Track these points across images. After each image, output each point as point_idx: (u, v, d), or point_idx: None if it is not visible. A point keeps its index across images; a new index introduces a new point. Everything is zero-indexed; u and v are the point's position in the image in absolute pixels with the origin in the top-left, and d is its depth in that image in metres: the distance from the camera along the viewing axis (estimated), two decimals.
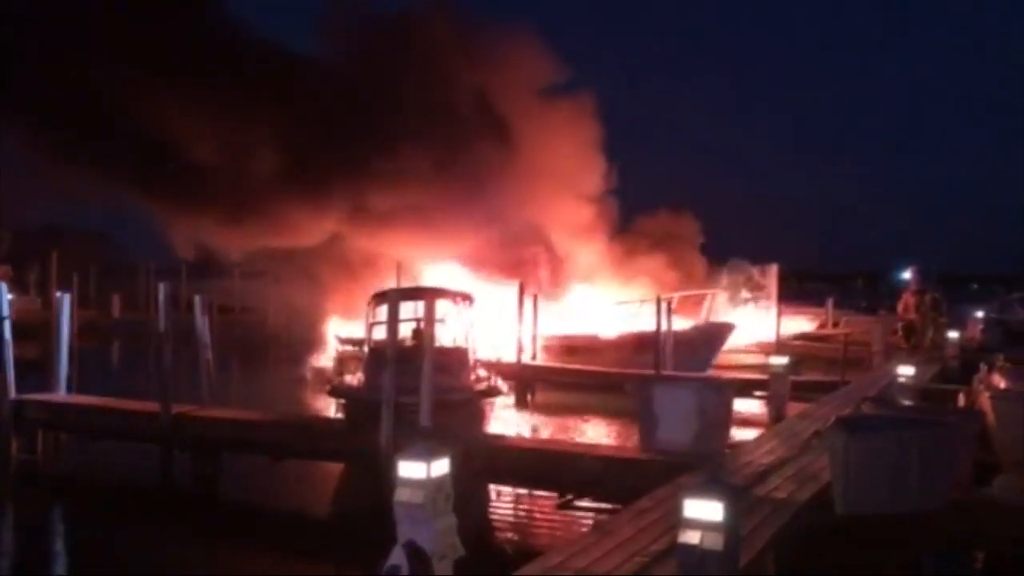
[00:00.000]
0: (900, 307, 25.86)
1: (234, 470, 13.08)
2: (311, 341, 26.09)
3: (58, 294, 16.85)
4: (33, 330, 21.68)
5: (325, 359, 22.82)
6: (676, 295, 24.63)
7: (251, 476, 13.31)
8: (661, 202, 34.43)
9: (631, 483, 9.46)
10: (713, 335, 25.15)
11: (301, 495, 13.17)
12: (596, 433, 17.55)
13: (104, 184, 24.87)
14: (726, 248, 34.74)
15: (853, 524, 7.85)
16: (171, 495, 12.64)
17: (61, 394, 14.85)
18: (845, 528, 7.91)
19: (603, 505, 10.69)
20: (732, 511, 5.41)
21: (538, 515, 11.64)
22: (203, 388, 14.81)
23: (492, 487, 12.23)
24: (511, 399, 19.83)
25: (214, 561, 10.08)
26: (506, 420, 17.86)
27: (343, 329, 22.81)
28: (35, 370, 15.97)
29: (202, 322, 15.27)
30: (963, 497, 8.22)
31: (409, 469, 6.18)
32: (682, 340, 22.58)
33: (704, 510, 5.38)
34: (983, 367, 15.31)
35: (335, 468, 13.43)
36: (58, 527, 11.82)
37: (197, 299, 15.61)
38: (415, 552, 6.05)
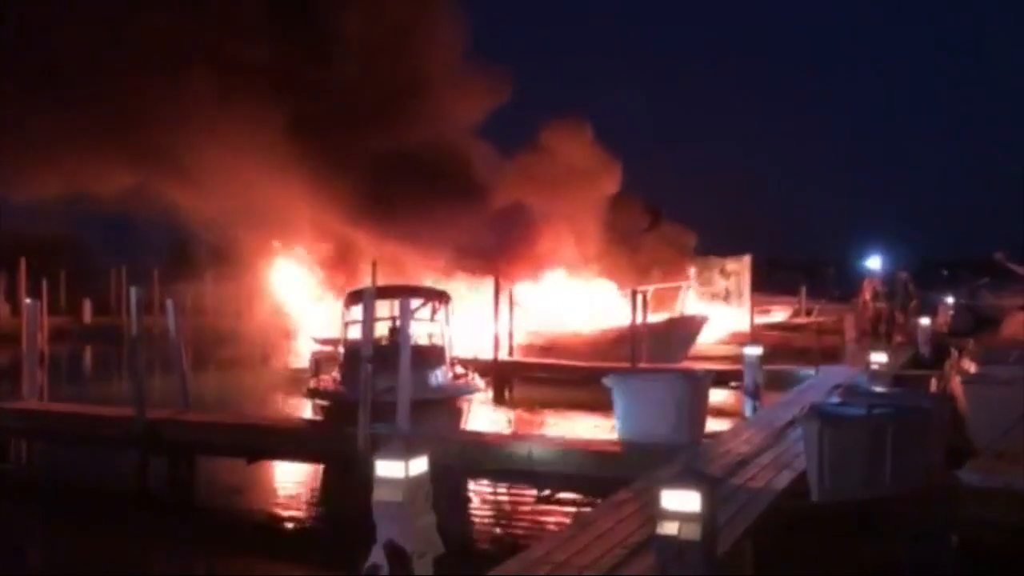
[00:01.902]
0: (863, 296, 26.02)
1: (211, 474, 13.00)
2: (286, 342, 25.96)
3: (27, 300, 16.65)
4: (3, 337, 21.40)
5: (301, 360, 22.72)
6: (651, 288, 24.79)
7: (228, 480, 13.22)
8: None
9: (609, 476, 9.50)
10: (687, 327, 25.32)
11: (279, 497, 13.10)
12: (574, 427, 17.58)
13: None
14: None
15: (829, 511, 7.93)
16: (147, 501, 12.53)
17: (33, 401, 14.68)
18: (821, 515, 7.98)
19: (582, 498, 10.73)
20: (709, 501, 5.44)
21: (517, 510, 11.65)
22: (178, 392, 14.70)
23: (471, 484, 12.23)
24: (489, 395, 19.84)
25: (193, 566, 10.03)
26: (484, 417, 17.85)
27: (318, 329, 22.76)
28: (6, 378, 15.78)
29: (175, 325, 15.15)
30: (936, 481, 8.32)
31: (387, 468, 6.17)
32: (657, 333, 22.68)
33: (681, 501, 5.40)
34: (954, 352, 15.50)
35: (313, 469, 13.37)
36: (33, 536, 11.68)
37: (169, 302, 15.48)
38: (394, 551, 6.05)
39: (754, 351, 14.32)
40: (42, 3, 23.72)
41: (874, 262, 29.43)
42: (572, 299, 27.91)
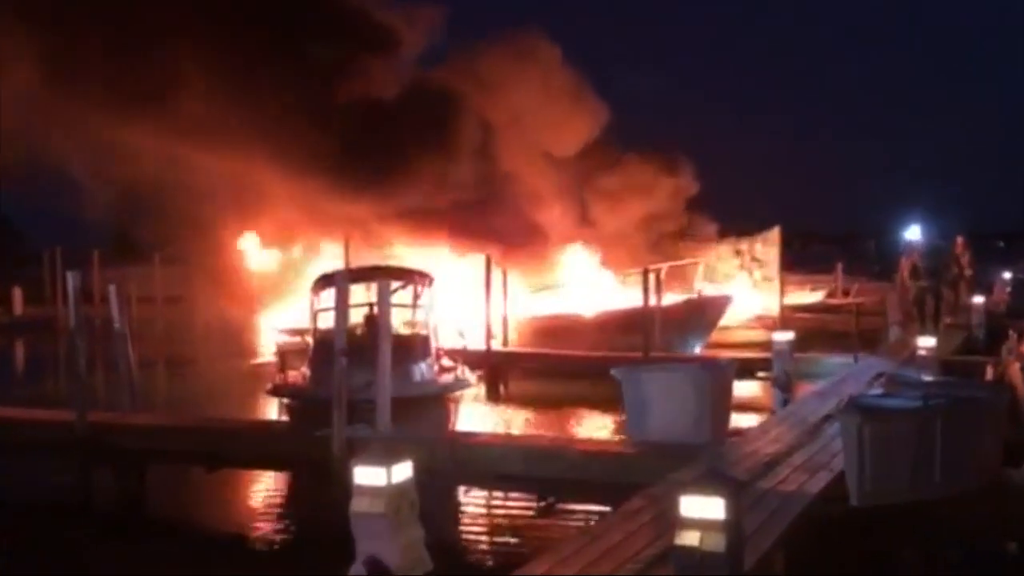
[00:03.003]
0: (901, 275, 25.93)
1: (163, 484, 13.03)
2: (246, 333, 26.00)
3: None
4: None
5: (264, 353, 22.78)
6: (664, 266, 24.75)
7: (184, 491, 13.28)
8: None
9: (620, 481, 9.56)
10: (707, 310, 25.34)
11: (243, 511, 13.16)
12: (579, 426, 17.67)
13: None
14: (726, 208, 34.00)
15: (870, 516, 8.00)
16: (91, 516, 12.56)
17: None
18: (861, 521, 8.05)
19: (589, 507, 10.80)
20: (735, 507, 5.49)
21: (516, 521, 11.72)
22: (124, 392, 14.71)
23: (462, 492, 12.30)
24: (481, 391, 19.91)
25: None
26: (476, 415, 17.94)
27: (283, 318, 22.79)
28: None
29: (119, 316, 15.15)
30: (992, 481, 8.39)
31: (367, 475, 6.22)
32: (672, 316, 22.71)
33: (703, 507, 5.46)
34: (1012, 335, 15.55)
35: (281, 478, 13.43)
36: None
37: (112, 289, 15.49)
38: (377, 568, 6.10)
39: (784, 337, 14.38)
40: None
41: (913, 232, 29.35)
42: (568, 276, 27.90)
